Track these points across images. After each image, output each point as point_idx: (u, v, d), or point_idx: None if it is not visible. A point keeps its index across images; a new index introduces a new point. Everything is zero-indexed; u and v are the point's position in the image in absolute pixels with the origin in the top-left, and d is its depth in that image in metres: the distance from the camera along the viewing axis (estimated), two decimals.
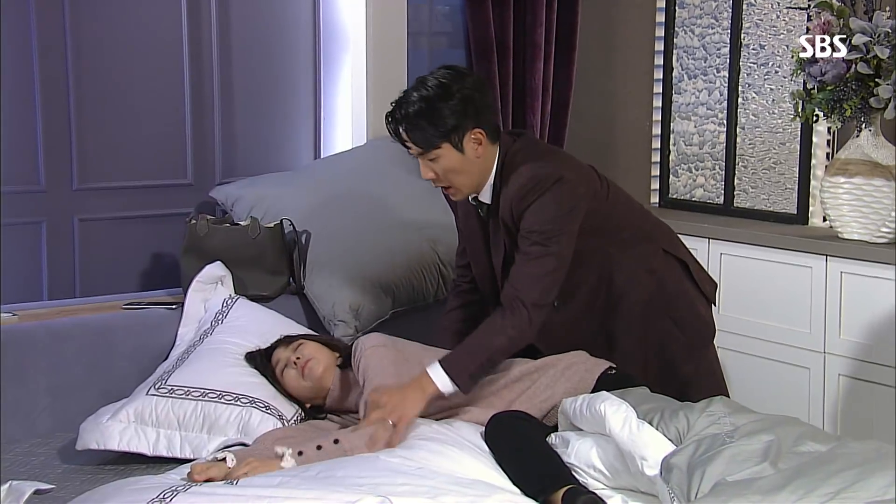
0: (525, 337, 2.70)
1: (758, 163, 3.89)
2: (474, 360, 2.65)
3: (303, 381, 2.85)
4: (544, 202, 2.67)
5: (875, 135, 3.35)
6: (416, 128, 2.65)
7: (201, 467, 2.50)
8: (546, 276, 2.66)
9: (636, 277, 2.85)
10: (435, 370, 2.61)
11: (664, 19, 4.17)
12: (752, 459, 2.13)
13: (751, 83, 3.88)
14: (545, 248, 2.66)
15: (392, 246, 3.42)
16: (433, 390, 2.60)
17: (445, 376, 2.61)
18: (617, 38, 4.35)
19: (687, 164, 4.13)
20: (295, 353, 2.89)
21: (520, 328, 2.66)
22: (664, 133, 4.19)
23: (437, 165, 2.69)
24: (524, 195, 2.68)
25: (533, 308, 2.65)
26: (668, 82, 4.15)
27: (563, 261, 2.69)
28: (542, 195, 2.67)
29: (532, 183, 2.68)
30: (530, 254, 2.67)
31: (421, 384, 2.60)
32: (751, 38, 3.87)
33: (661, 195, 4.22)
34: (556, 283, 2.69)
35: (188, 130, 3.72)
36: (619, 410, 2.41)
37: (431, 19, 4.10)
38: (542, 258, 2.66)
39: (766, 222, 3.78)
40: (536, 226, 2.67)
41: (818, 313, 3.42)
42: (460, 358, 2.65)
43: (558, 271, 2.68)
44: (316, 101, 3.98)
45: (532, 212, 2.67)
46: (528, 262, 2.67)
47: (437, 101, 2.64)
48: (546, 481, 2.36)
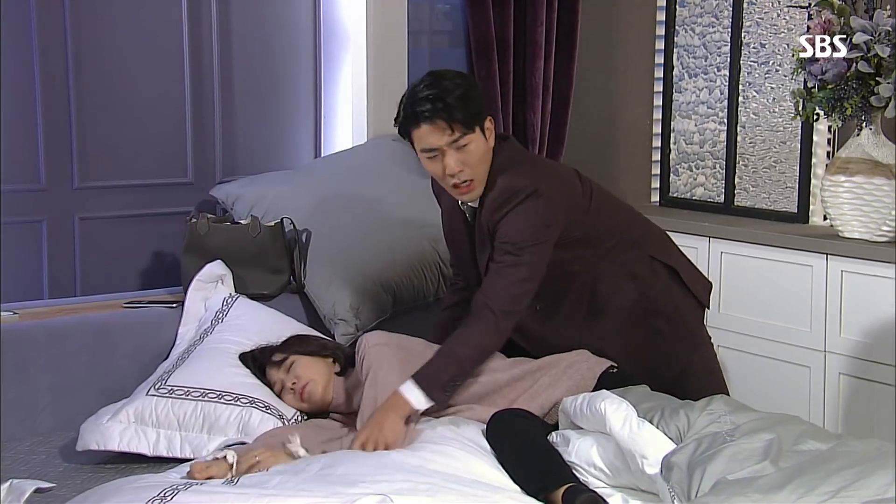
0: (493, 345, 2.71)
1: (758, 161, 3.89)
2: (445, 372, 2.65)
3: (302, 403, 2.85)
4: (517, 214, 2.67)
5: (876, 133, 3.35)
6: (458, 110, 2.63)
7: (201, 466, 2.50)
8: (516, 285, 2.67)
9: (619, 286, 2.84)
10: (407, 388, 2.60)
11: (665, 18, 4.17)
12: (753, 458, 2.14)
13: (751, 82, 3.88)
14: (517, 257, 2.66)
15: (392, 245, 3.42)
16: (408, 409, 2.59)
17: (419, 392, 2.60)
18: (617, 37, 4.35)
19: (687, 163, 4.13)
20: (289, 374, 2.87)
21: (487, 336, 2.67)
22: (665, 132, 4.19)
23: (467, 154, 2.67)
24: (498, 206, 2.68)
25: (501, 315, 2.65)
26: (669, 81, 4.15)
27: (536, 271, 2.69)
28: (515, 207, 2.66)
29: (507, 194, 2.68)
30: (503, 262, 2.67)
31: (394, 406, 2.59)
32: (751, 37, 3.87)
33: (662, 194, 4.22)
34: (526, 293, 2.69)
35: (189, 129, 3.72)
36: (619, 409, 2.41)
37: (432, 18, 4.09)
38: (514, 267, 2.66)
39: (767, 221, 3.78)
40: (509, 237, 2.67)
41: (819, 312, 3.42)
42: (431, 371, 2.64)
43: (529, 281, 2.68)
44: (316, 99, 3.98)
45: (506, 223, 2.67)
46: (499, 271, 2.67)
47: (469, 88, 2.68)
48: (547, 479, 2.36)
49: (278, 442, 2.59)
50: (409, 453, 2.42)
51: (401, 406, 2.59)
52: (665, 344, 2.87)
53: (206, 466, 2.50)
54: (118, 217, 3.63)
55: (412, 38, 4.01)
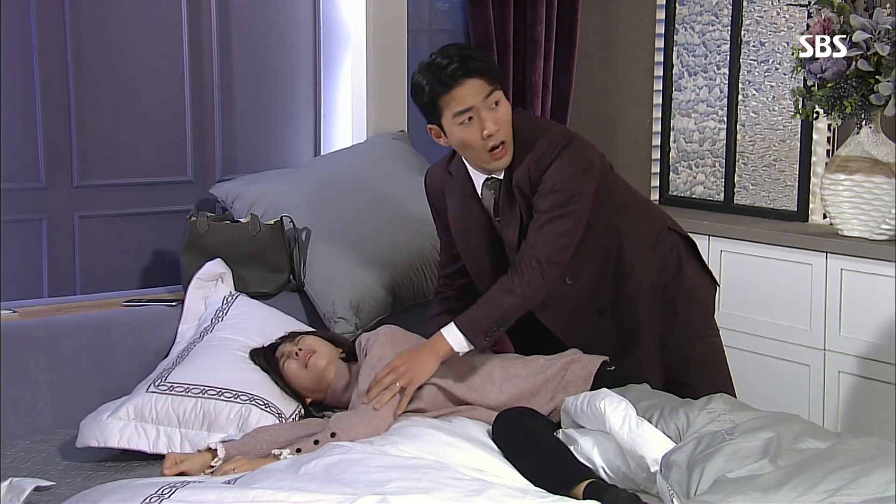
0: (538, 293, 2.73)
1: (758, 160, 3.89)
2: (488, 318, 2.69)
3: (305, 370, 2.86)
4: (562, 163, 2.71)
5: (875, 132, 3.35)
6: (487, 64, 2.71)
7: (175, 458, 2.52)
8: (563, 235, 2.71)
9: (643, 256, 2.87)
10: (449, 330, 2.67)
11: (664, 16, 4.17)
12: (752, 456, 2.14)
13: (751, 80, 3.88)
14: (564, 207, 2.71)
15: (392, 243, 3.42)
16: (447, 350, 2.66)
17: (460, 334, 2.66)
18: (617, 35, 4.35)
19: (687, 161, 4.13)
20: (297, 345, 2.91)
21: (533, 285, 2.70)
22: (664, 130, 4.19)
23: (500, 113, 2.71)
24: (540, 157, 2.72)
25: (548, 264, 2.70)
26: (669, 79, 4.15)
27: (581, 220, 2.73)
28: (558, 156, 2.71)
29: (545, 145, 2.72)
30: (550, 212, 2.71)
31: (434, 346, 2.67)
32: (751, 35, 3.87)
33: (662, 192, 4.22)
34: (572, 243, 2.73)
35: (188, 127, 3.72)
36: (618, 408, 2.41)
37: (431, 16, 4.09)
38: (561, 218, 2.70)
39: (767, 219, 3.78)
40: (557, 185, 2.71)
41: (818, 310, 3.42)
42: (474, 316, 2.69)
43: (575, 231, 2.73)
44: (316, 97, 3.98)
45: (551, 173, 2.71)
46: (546, 222, 2.71)
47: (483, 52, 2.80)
48: (566, 474, 2.35)
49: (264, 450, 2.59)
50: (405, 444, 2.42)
51: (440, 346, 2.66)
52: (680, 318, 2.88)
53: (181, 460, 2.53)
54: (118, 215, 3.63)
55: (412, 36, 4.01)
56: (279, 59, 3.89)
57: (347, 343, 3.02)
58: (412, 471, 2.23)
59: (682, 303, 2.89)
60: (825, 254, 3.40)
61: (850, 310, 3.35)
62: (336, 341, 3.01)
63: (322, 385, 2.88)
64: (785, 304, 3.51)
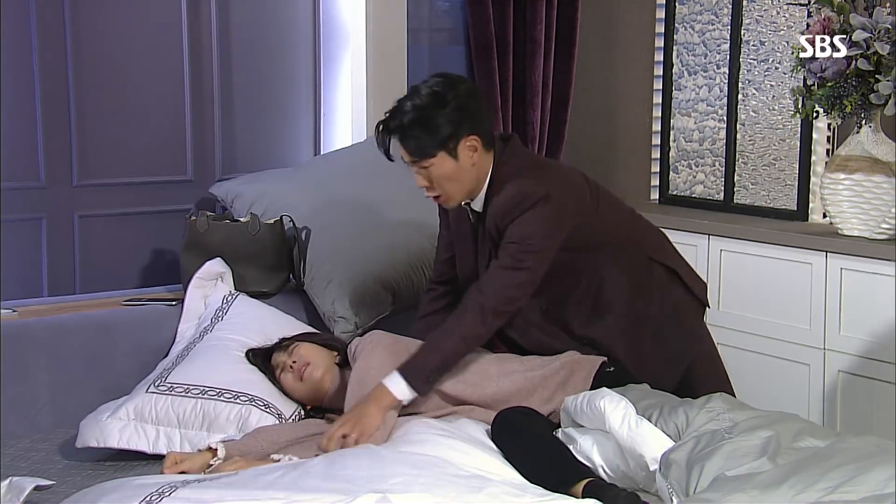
0: (478, 339, 2.71)
1: (758, 159, 3.89)
2: (428, 363, 2.67)
3: (301, 383, 2.85)
4: (528, 218, 2.67)
5: (875, 131, 3.35)
6: (411, 137, 2.66)
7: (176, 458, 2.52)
8: (514, 288, 2.68)
9: (621, 288, 2.84)
10: (391, 380, 2.63)
11: (664, 15, 4.16)
12: (751, 455, 2.14)
13: (751, 79, 3.88)
14: (520, 261, 2.67)
15: (392, 243, 3.42)
16: (390, 401, 2.62)
17: (402, 383, 2.62)
18: (617, 35, 4.35)
19: (687, 161, 4.13)
20: (291, 356, 2.89)
21: (474, 330, 2.68)
22: (664, 129, 4.19)
23: (431, 173, 2.69)
24: (508, 210, 2.68)
25: (492, 314, 2.67)
26: (669, 79, 4.15)
27: (534, 277, 2.69)
28: (526, 211, 2.67)
29: (518, 199, 2.68)
30: (504, 264, 2.68)
31: (377, 397, 2.61)
32: (751, 35, 3.87)
33: (661, 192, 4.21)
34: (521, 297, 2.70)
35: (188, 127, 3.72)
36: (618, 407, 2.41)
37: (431, 16, 4.10)
38: (516, 270, 2.67)
39: (766, 219, 3.78)
40: (516, 238, 2.67)
41: (818, 310, 3.42)
42: (415, 363, 2.67)
43: (526, 286, 2.69)
44: (316, 97, 3.98)
45: (516, 226, 2.68)
46: (500, 271, 2.68)
47: (432, 110, 2.64)
48: (565, 473, 2.35)
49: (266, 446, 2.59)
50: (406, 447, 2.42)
51: (384, 397, 2.62)
52: (667, 343, 2.87)
53: (181, 460, 2.53)
54: (118, 215, 3.63)
55: (412, 35, 4.01)
56: (279, 59, 3.89)
57: (344, 345, 3.00)
58: (412, 468, 2.23)
59: (667, 330, 2.87)
60: (825, 253, 3.40)
61: (849, 309, 3.35)
62: (331, 345, 2.98)
63: (319, 395, 2.88)
64: (785, 304, 3.51)
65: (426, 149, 2.65)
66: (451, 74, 2.76)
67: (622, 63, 4.35)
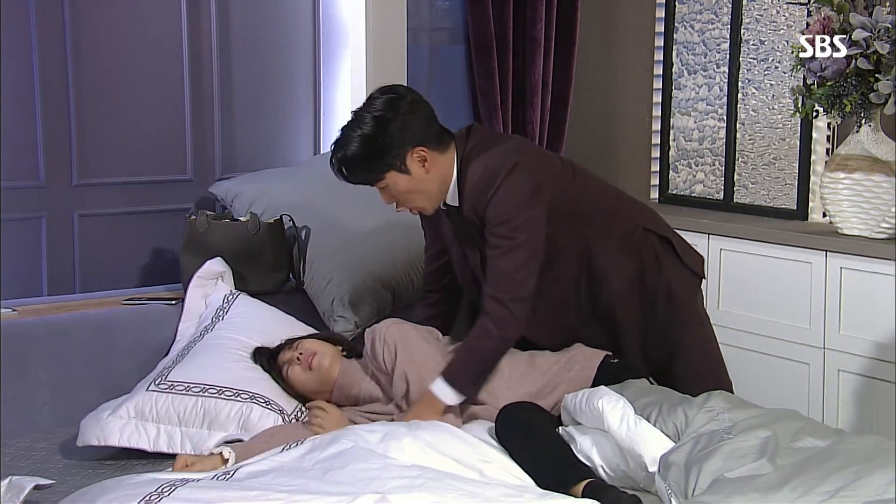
0: (513, 334, 2.71)
1: (758, 158, 3.89)
2: (470, 367, 2.70)
3: (310, 372, 2.86)
4: (503, 193, 2.65)
5: (875, 130, 3.35)
6: (356, 168, 2.69)
7: (186, 460, 2.52)
8: (519, 269, 2.66)
9: (615, 260, 2.83)
10: (438, 386, 2.67)
11: (664, 15, 4.16)
12: (750, 455, 2.13)
13: (751, 79, 3.88)
14: (512, 240, 2.65)
15: (392, 242, 3.42)
16: (442, 407, 2.67)
17: (449, 389, 2.66)
18: (617, 34, 4.35)
19: (687, 160, 4.13)
20: (296, 350, 2.91)
21: (505, 327, 2.67)
22: (664, 129, 4.19)
23: (391, 192, 2.72)
24: (482, 190, 2.67)
25: (513, 303, 2.65)
26: (668, 78, 4.15)
27: (534, 248, 2.67)
28: (499, 187, 2.65)
29: (487, 176, 2.67)
30: (499, 248, 2.66)
31: (429, 405, 2.66)
32: (751, 34, 3.87)
33: (661, 191, 4.22)
34: (531, 273, 2.67)
35: (188, 126, 3.72)
36: (616, 407, 2.41)
37: (431, 15, 4.09)
38: (512, 251, 2.65)
39: (766, 218, 3.78)
40: (499, 216, 2.65)
41: (818, 309, 3.42)
42: (458, 368, 2.69)
43: (531, 260, 2.67)
44: (316, 96, 3.98)
45: (493, 205, 2.66)
46: (499, 258, 2.66)
47: (375, 137, 2.66)
48: (565, 473, 2.35)
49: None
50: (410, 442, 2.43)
51: (436, 404, 2.66)
52: (660, 318, 2.86)
53: (192, 461, 2.52)
54: (118, 214, 3.63)
55: (411, 34, 4.01)
56: (279, 59, 3.89)
57: (346, 341, 3.02)
58: (411, 469, 2.23)
59: (661, 301, 2.87)
60: (825, 252, 3.40)
61: (849, 308, 3.35)
62: (334, 340, 3.01)
63: (327, 384, 2.89)
64: (784, 303, 3.51)
65: (371, 175, 2.70)
66: (395, 89, 2.76)
67: (622, 62, 4.35)
